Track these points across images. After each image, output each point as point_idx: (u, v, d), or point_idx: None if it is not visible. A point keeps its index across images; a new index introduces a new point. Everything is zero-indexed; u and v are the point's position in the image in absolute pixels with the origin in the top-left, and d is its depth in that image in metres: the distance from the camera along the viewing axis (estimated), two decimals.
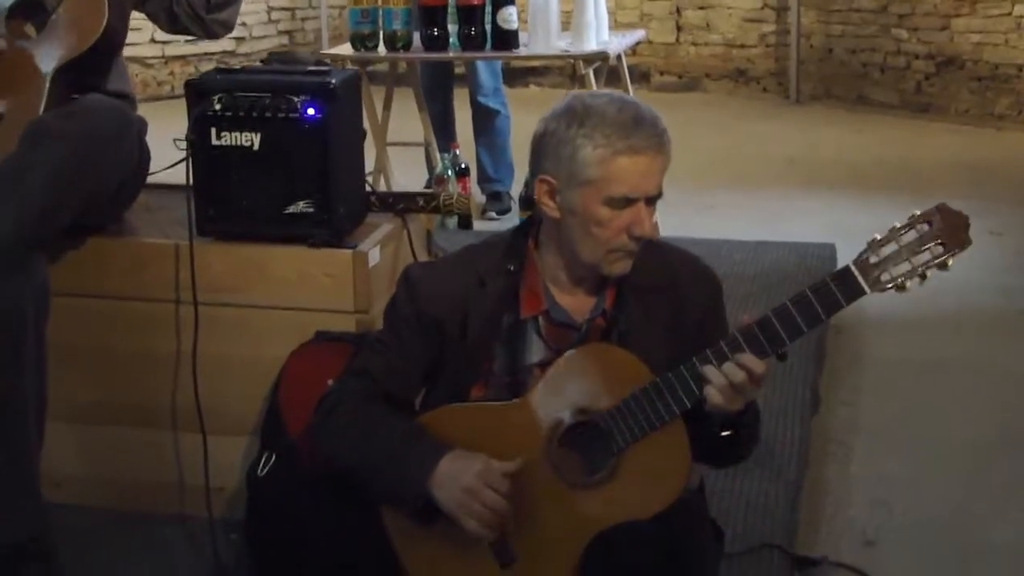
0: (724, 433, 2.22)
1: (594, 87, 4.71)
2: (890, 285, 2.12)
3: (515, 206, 5.56)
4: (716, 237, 4.95)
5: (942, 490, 3.45)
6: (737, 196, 6.07)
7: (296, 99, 2.78)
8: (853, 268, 2.12)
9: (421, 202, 3.08)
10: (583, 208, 2.20)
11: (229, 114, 2.81)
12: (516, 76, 8.41)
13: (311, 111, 2.78)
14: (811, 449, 3.56)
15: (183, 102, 2.87)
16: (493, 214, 5.54)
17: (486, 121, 5.64)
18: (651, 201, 2.22)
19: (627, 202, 2.19)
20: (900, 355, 4.32)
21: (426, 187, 5.45)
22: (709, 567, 2.41)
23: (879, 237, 2.12)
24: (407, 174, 5.61)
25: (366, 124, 3.39)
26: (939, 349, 4.37)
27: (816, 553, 3.04)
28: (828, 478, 3.51)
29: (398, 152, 5.71)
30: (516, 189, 5.59)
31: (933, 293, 4.65)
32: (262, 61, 3.17)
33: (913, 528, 3.27)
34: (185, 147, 2.81)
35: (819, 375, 3.95)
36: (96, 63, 2.87)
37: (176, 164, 2.90)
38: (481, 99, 5.60)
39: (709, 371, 2.13)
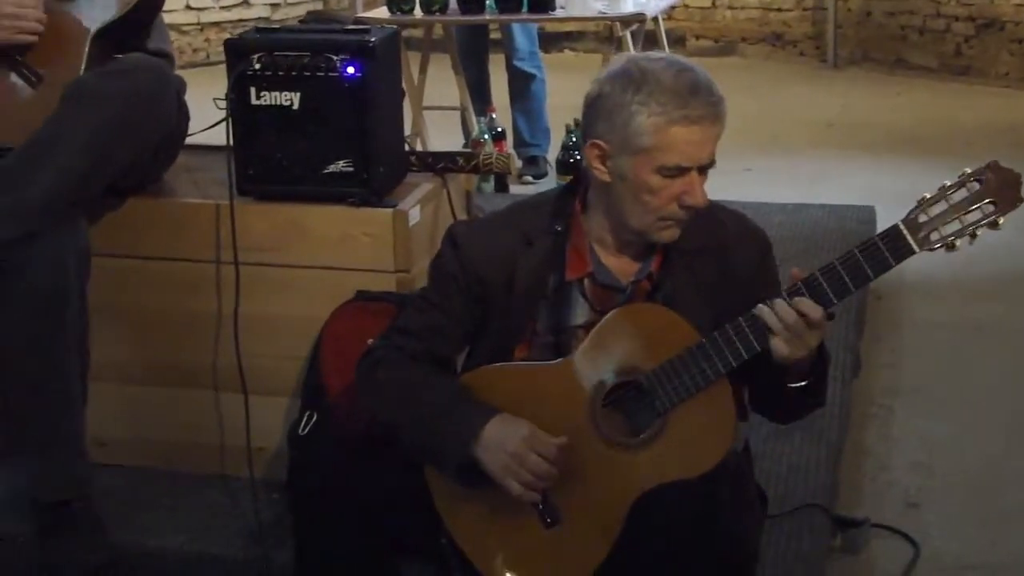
0: (794, 385, 2.19)
1: (632, 51, 4.67)
2: (939, 244, 2.09)
3: (551, 171, 5.54)
4: (754, 200, 4.92)
5: (983, 451, 3.44)
6: (775, 160, 6.03)
7: (336, 58, 2.76)
8: (902, 227, 2.09)
9: (460, 161, 3.06)
10: (634, 175, 2.18)
11: (269, 73, 2.79)
12: (551, 41, 8.36)
13: (351, 70, 2.76)
14: (852, 412, 3.55)
15: (218, 69, 2.87)
16: (530, 178, 5.52)
17: (522, 85, 5.61)
18: (703, 170, 2.20)
19: (680, 171, 2.17)
20: (940, 319, 4.29)
21: None
22: (753, 528, 2.40)
23: (928, 196, 2.09)
24: (443, 139, 5.59)
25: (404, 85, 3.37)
26: (978, 313, 4.34)
27: (858, 515, 3.03)
28: (869, 440, 3.50)
29: (434, 117, 5.70)
30: (553, 154, 5.57)
31: (972, 257, 4.58)
32: (300, 21, 3.16)
33: (954, 490, 3.26)
34: (225, 107, 2.80)
35: (859, 339, 3.93)
36: (137, 23, 2.86)
37: (216, 124, 2.89)
38: (517, 63, 5.57)
39: (764, 312, 2.10)
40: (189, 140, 3.11)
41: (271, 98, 2.81)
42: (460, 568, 2.32)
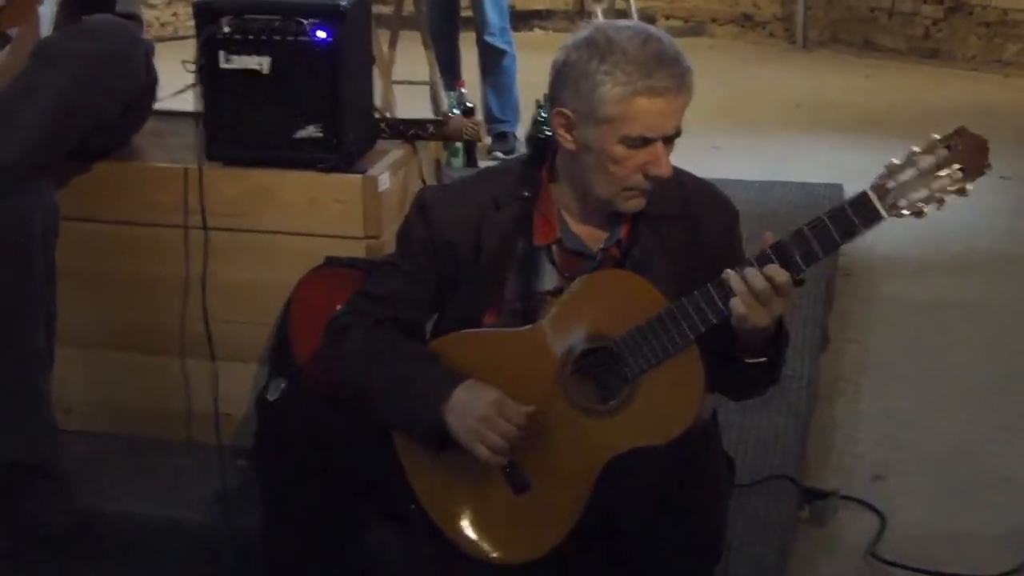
0: (752, 361, 2.19)
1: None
2: (907, 210, 2.07)
3: (521, 147, 5.53)
4: (722, 177, 4.93)
5: (949, 426, 3.46)
6: (743, 139, 6.03)
7: (306, 22, 2.74)
8: (870, 193, 2.08)
9: (431, 128, 3.05)
10: (599, 145, 2.17)
11: (238, 37, 2.77)
12: (521, 19, 8.32)
13: (321, 34, 2.75)
14: (820, 387, 3.57)
15: (187, 43, 2.85)
16: (499, 154, 5.50)
17: (493, 61, 5.59)
18: (669, 140, 2.19)
19: (644, 141, 2.16)
20: (908, 297, 4.31)
21: None
22: (721, 495, 2.40)
23: (897, 162, 2.08)
24: (412, 113, 5.55)
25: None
26: (946, 291, 4.36)
27: (826, 486, 3.05)
28: (837, 415, 3.52)
29: (404, 92, 5.67)
30: (522, 130, 5.56)
31: (940, 236, 4.66)
32: None
33: (920, 463, 3.28)
34: (194, 70, 2.78)
35: (827, 315, 3.95)
36: None
37: (185, 89, 2.87)
38: (488, 38, 5.55)
39: (731, 277, 2.09)
40: (158, 106, 3.09)
41: (240, 62, 2.79)
42: (428, 534, 2.31)
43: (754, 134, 6.17)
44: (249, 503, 2.67)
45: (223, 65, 2.79)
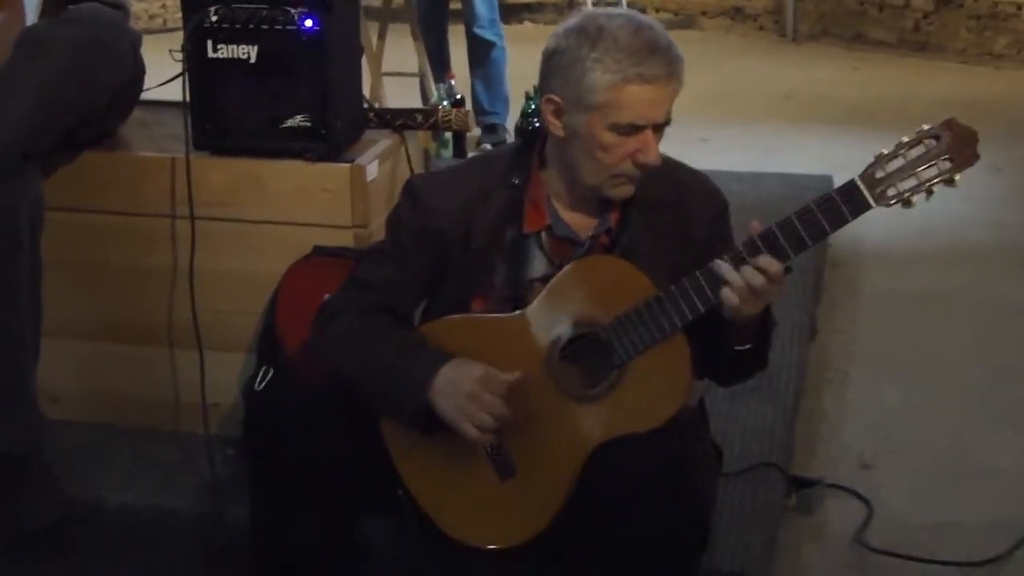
0: (740, 348, 2.19)
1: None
2: (895, 200, 2.09)
3: (510, 138, 5.53)
4: (711, 169, 4.93)
5: (936, 416, 3.47)
6: (732, 131, 6.05)
7: (294, 11, 2.74)
8: (859, 182, 2.09)
9: (420, 118, 3.05)
10: (588, 132, 2.17)
11: (226, 26, 2.76)
12: (511, 12, 8.34)
13: (309, 23, 2.74)
14: (809, 376, 3.58)
15: (175, 36, 2.84)
16: (488, 146, 5.51)
17: (482, 53, 5.59)
18: (659, 128, 2.19)
19: (633, 129, 2.16)
20: (896, 287, 4.33)
21: None
22: (708, 482, 2.40)
23: (885, 152, 2.10)
24: (402, 105, 5.54)
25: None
26: (935, 281, 4.37)
27: (812, 474, 3.06)
28: (825, 404, 3.52)
29: (393, 84, 5.67)
30: (511, 122, 5.55)
31: (929, 227, 4.67)
32: None
33: (908, 453, 3.29)
34: (181, 59, 2.77)
35: (816, 306, 3.96)
36: None
37: (173, 79, 2.87)
38: (477, 31, 5.55)
39: (724, 270, 2.10)
40: (145, 95, 3.08)
41: (228, 51, 2.78)
42: (416, 520, 2.32)
43: (743, 126, 6.18)
44: (238, 492, 2.67)
45: (210, 54, 2.78)
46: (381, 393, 2.27)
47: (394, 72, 5.59)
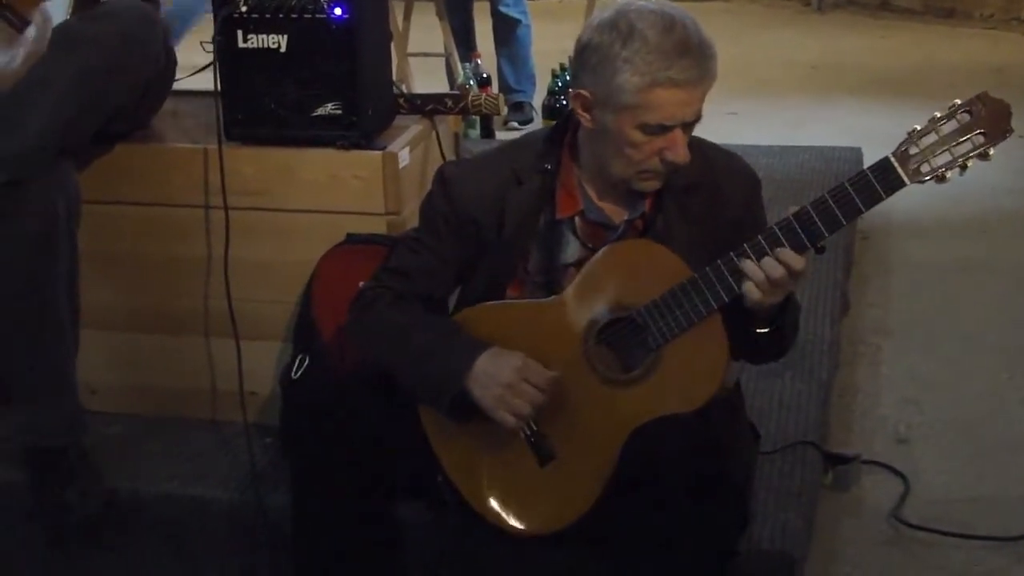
0: (762, 331, 2.20)
1: None
2: (929, 176, 2.09)
3: (537, 116, 5.53)
4: (740, 143, 4.92)
5: (971, 388, 3.47)
6: (760, 103, 6.03)
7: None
8: (892, 159, 2.08)
9: (449, 103, 3.05)
10: (617, 129, 2.17)
11: (256, 16, 2.76)
12: None
13: (338, 11, 2.73)
14: (842, 351, 3.57)
15: (201, 22, 2.84)
16: (515, 124, 5.51)
17: (507, 31, 5.58)
18: (688, 126, 2.19)
19: (662, 129, 2.15)
20: (927, 258, 4.31)
21: None
22: (747, 464, 2.41)
23: (918, 128, 2.09)
24: (428, 85, 5.56)
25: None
26: (965, 251, 4.36)
27: (848, 451, 3.06)
28: (859, 379, 3.52)
29: (419, 64, 5.67)
30: (539, 99, 5.55)
31: (958, 197, 4.64)
32: None
33: (943, 426, 3.29)
34: (212, 50, 2.78)
35: (847, 279, 3.95)
36: None
37: (203, 69, 2.88)
38: (503, 8, 5.54)
39: (748, 266, 2.10)
40: (176, 86, 3.09)
41: (258, 41, 2.78)
42: (456, 506, 2.33)
43: (771, 98, 6.15)
44: (277, 481, 2.69)
45: (241, 45, 2.78)
46: (417, 381, 2.28)
47: (420, 53, 5.59)
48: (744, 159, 2.39)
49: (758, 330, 2.21)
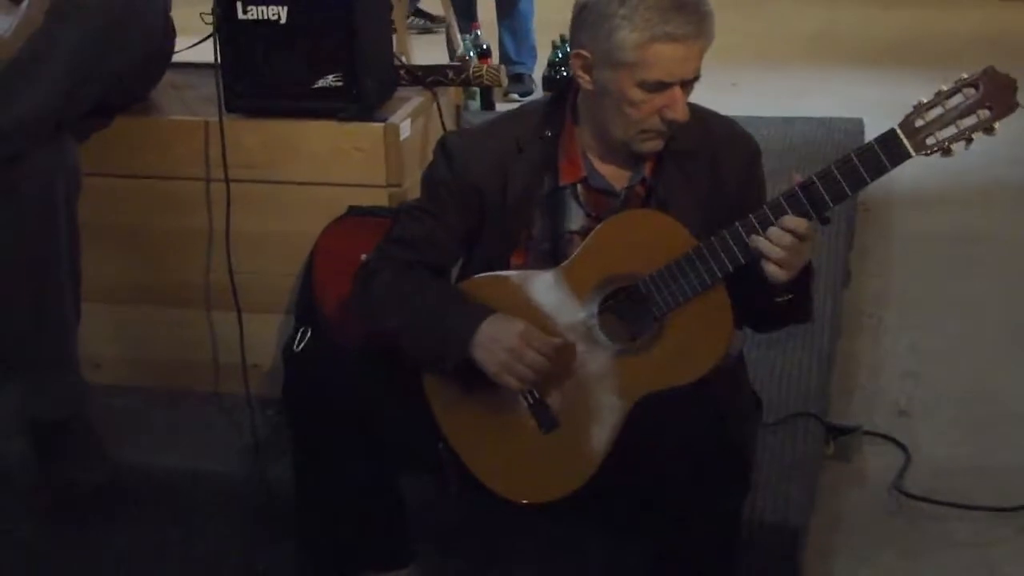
0: (780, 299, 2.20)
1: None
2: (935, 148, 2.09)
3: (538, 88, 5.51)
4: (742, 114, 4.91)
5: (972, 360, 3.47)
6: (761, 74, 6.00)
7: None
8: (899, 131, 2.08)
9: (451, 74, 3.04)
10: (616, 88, 2.17)
11: None
12: None
13: None
14: (843, 322, 3.57)
15: None
16: (515, 96, 5.49)
17: (509, 3, 5.56)
18: (687, 84, 2.18)
19: (662, 86, 2.15)
20: (929, 230, 4.31)
21: None
22: (750, 434, 2.42)
23: (925, 101, 2.09)
24: (428, 57, 5.54)
25: None
26: (968, 223, 4.35)
27: (850, 422, 3.06)
28: (860, 350, 3.52)
29: (418, 35, 5.66)
30: (539, 72, 5.53)
31: (959, 168, 4.61)
32: None
33: (945, 397, 3.29)
34: (211, 22, 2.77)
35: (849, 250, 3.94)
36: None
37: (203, 40, 2.87)
38: None
39: (760, 243, 2.10)
40: (174, 58, 3.08)
41: (258, 12, 2.78)
42: (457, 474, 2.34)
43: (772, 69, 6.13)
44: (280, 453, 2.69)
45: (240, 16, 2.78)
46: (422, 347, 2.28)
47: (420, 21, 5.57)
48: (741, 125, 2.38)
49: (776, 299, 2.20)
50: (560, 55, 5.20)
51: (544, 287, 2.25)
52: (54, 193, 2.63)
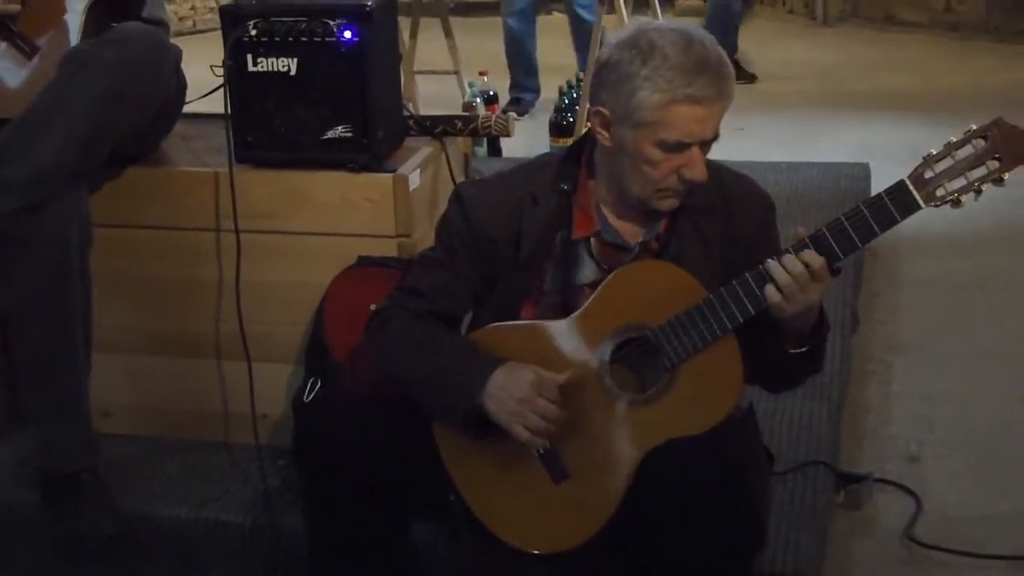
0: (794, 351, 2.20)
1: (623, 11, 4.67)
2: (945, 200, 2.10)
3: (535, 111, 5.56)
4: (748, 160, 4.92)
5: (983, 406, 3.45)
6: (766, 119, 6.02)
7: (332, 23, 2.74)
8: (908, 183, 2.09)
9: (459, 124, 3.06)
10: (635, 147, 2.18)
11: (265, 39, 2.77)
12: (540, 4, 8.30)
13: (348, 34, 2.75)
14: (852, 368, 3.57)
15: (206, 38, 2.85)
16: (513, 114, 5.50)
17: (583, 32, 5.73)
18: (705, 144, 2.20)
19: (681, 146, 2.16)
20: (937, 274, 4.30)
21: None
22: (761, 486, 2.41)
23: (934, 152, 2.10)
24: (435, 104, 5.58)
25: None
26: (976, 268, 4.35)
27: (860, 470, 3.05)
28: (870, 396, 3.51)
29: (425, 81, 5.69)
30: (545, 114, 5.56)
31: (968, 212, 4.59)
32: None
33: (955, 444, 3.28)
34: (222, 74, 2.79)
35: (856, 296, 3.94)
36: None
37: (213, 91, 2.88)
38: (579, 10, 5.80)
39: (771, 266, 2.10)
40: (185, 109, 3.10)
41: (268, 64, 2.79)
42: (468, 525, 2.33)
43: (777, 113, 6.15)
44: (290, 503, 2.69)
45: (251, 68, 2.79)
46: (433, 397, 2.29)
47: (428, 71, 5.60)
48: (756, 182, 2.39)
49: (790, 351, 2.20)
50: (567, 100, 5.22)
51: (557, 337, 2.26)
52: (69, 243, 2.65)
